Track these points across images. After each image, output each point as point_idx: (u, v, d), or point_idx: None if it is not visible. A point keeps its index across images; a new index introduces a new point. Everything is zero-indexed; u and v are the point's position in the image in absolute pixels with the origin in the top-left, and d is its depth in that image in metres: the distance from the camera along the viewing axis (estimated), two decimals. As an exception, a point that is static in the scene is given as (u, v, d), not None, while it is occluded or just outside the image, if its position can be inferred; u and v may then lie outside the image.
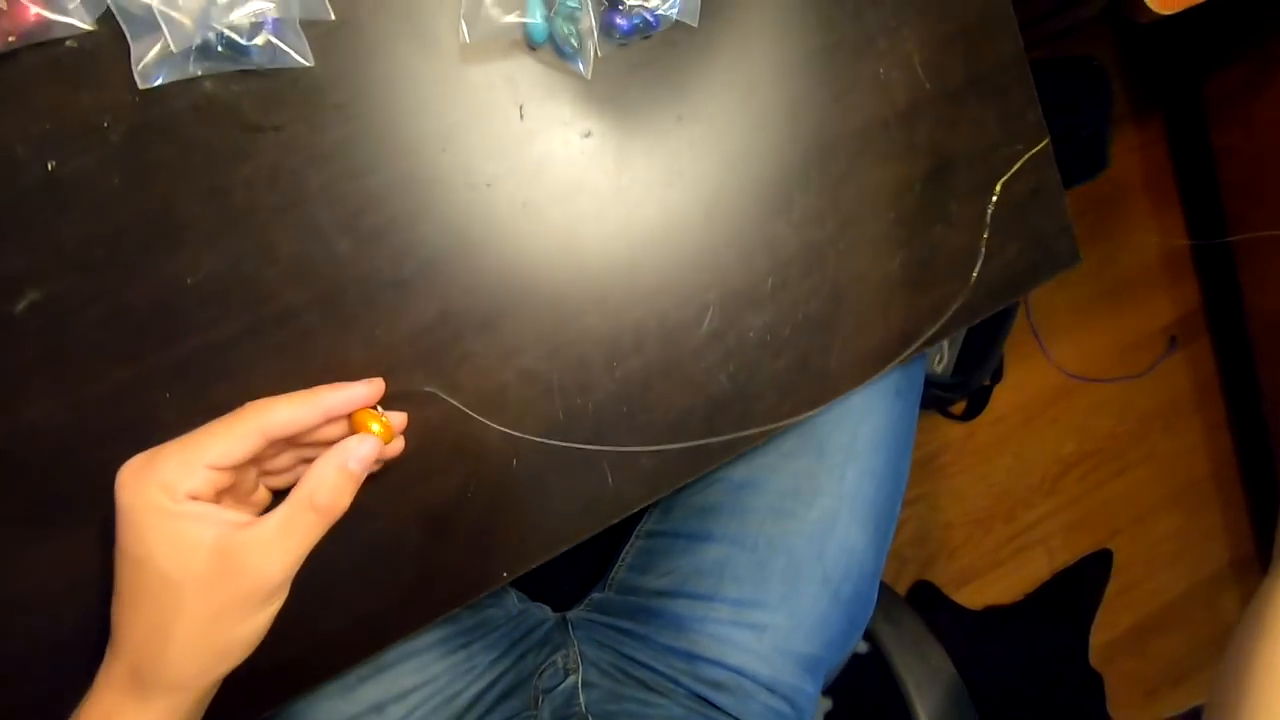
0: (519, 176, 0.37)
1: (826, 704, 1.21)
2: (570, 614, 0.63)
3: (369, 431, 0.32)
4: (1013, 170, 0.45)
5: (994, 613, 1.45)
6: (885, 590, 0.69)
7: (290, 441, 0.33)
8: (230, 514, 0.30)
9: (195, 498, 0.29)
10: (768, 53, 0.40)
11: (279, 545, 0.29)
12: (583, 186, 0.38)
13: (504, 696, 0.56)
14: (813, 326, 0.42)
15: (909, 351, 0.44)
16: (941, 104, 0.43)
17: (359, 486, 0.31)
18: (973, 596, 1.43)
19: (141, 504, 0.29)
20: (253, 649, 0.31)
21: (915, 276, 0.44)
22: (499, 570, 0.39)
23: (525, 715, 0.55)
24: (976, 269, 0.45)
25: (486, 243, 0.37)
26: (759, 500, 0.56)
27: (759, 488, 0.57)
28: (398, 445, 0.36)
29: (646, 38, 0.38)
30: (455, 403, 0.37)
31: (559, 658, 0.58)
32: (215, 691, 0.32)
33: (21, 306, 0.32)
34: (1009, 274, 0.46)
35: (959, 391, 1.21)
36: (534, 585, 0.65)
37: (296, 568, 0.30)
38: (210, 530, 0.29)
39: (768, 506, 0.56)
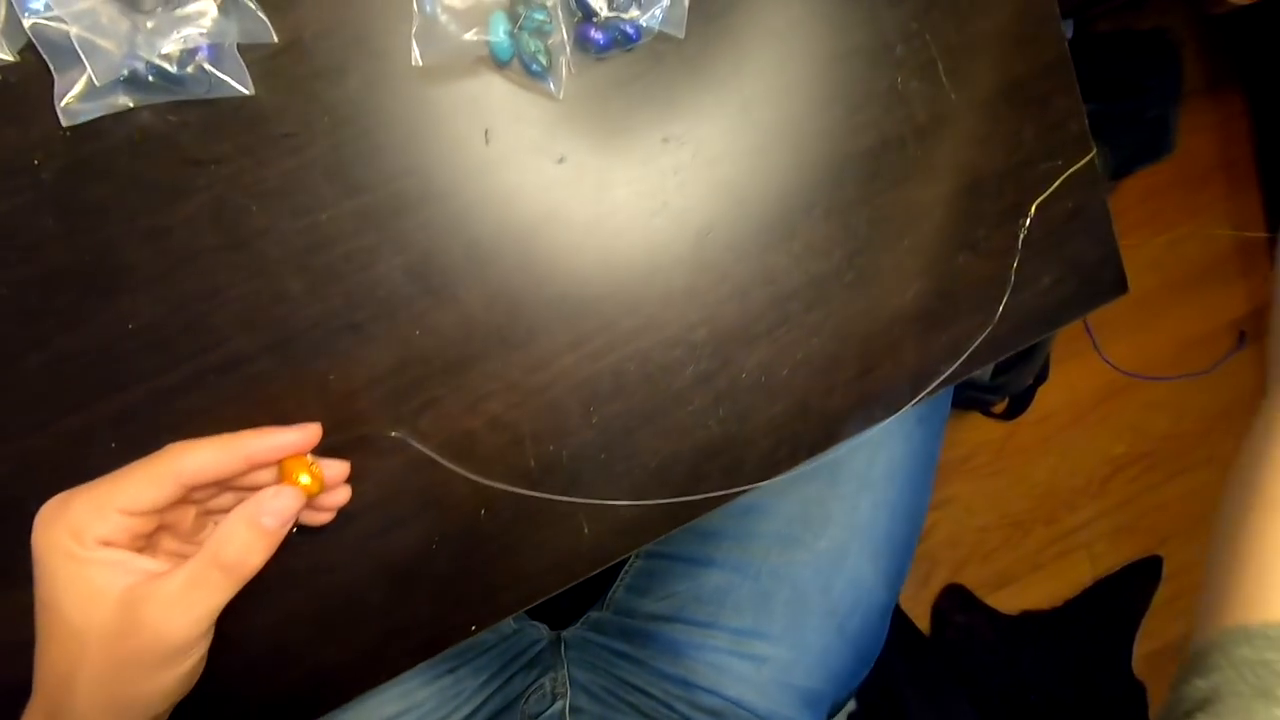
0: (485, 208, 0.34)
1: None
2: (566, 633, 0.62)
3: (294, 483, 0.30)
4: (1050, 189, 0.39)
5: (1031, 618, 1.40)
6: (901, 622, 0.65)
7: (224, 485, 0.31)
8: (145, 563, 0.28)
9: (108, 543, 0.28)
10: (767, 64, 0.36)
11: (182, 603, 0.27)
12: (557, 217, 0.35)
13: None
14: (814, 367, 0.39)
15: (922, 395, 0.39)
16: (968, 116, 0.38)
17: (277, 542, 0.29)
18: (1008, 601, 1.38)
19: (51, 548, 0.28)
20: (167, 705, 0.30)
21: (933, 310, 0.39)
22: (467, 624, 0.37)
23: (513, 740, 0.54)
24: (1003, 301, 0.40)
25: (450, 280, 0.34)
26: (765, 526, 0.53)
27: (765, 513, 0.54)
28: (344, 494, 0.33)
29: (627, 51, 0.34)
30: (422, 448, 0.34)
31: (547, 680, 0.57)
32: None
33: (-41, 355, 0.31)
34: (1041, 306, 0.41)
35: (1000, 394, 1.14)
36: (531, 610, 0.64)
37: (202, 626, 0.28)
38: (119, 579, 0.27)
39: (774, 533, 0.53)
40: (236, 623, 0.32)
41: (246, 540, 0.28)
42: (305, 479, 0.30)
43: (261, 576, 0.34)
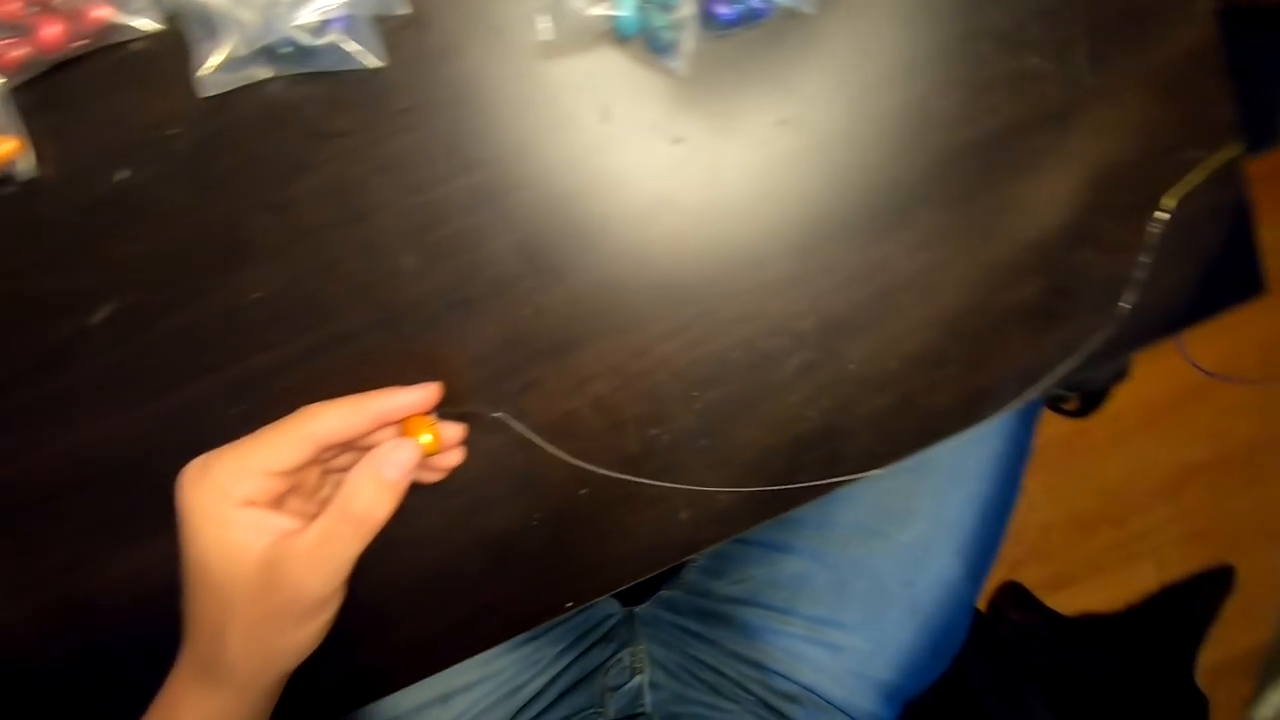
0: (598, 188, 0.34)
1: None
2: (638, 609, 0.62)
3: (415, 440, 0.30)
4: (1190, 182, 0.37)
5: (1090, 620, 1.36)
6: (980, 620, 0.64)
7: (348, 445, 0.32)
8: (282, 521, 0.29)
9: (250, 503, 0.29)
10: (892, 45, 0.34)
11: (317, 557, 0.28)
12: (669, 200, 0.34)
13: (569, 690, 0.56)
14: (921, 361, 0.37)
15: (1031, 392, 0.38)
16: (1104, 102, 0.36)
17: (401, 494, 0.29)
18: (1067, 602, 1.34)
19: (196, 508, 0.29)
20: (309, 651, 0.31)
21: (1048, 307, 0.38)
22: (560, 602, 0.38)
23: (591, 711, 0.55)
24: (1127, 300, 0.38)
25: (560, 261, 0.34)
26: (846, 515, 0.53)
27: (846, 502, 0.53)
28: (457, 456, 0.34)
29: (752, 28, 0.33)
30: (523, 429, 0.35)
31: (625, 655, 0.57)
32: (283, 686, 0.32)
33: (98, 319, 0.32)
34: (1168, 306, 0.39)
35: (1075, 389, 1.10)
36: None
37: (338, 580, 0.29)
38: (259, 539, 0.28)
39: (855, 523, 0.52)
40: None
41: (373, 493, 0.28)
42: (426, 437, 0.30)
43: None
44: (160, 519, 0.33)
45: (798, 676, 0.52)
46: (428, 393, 0.31)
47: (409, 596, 0.36)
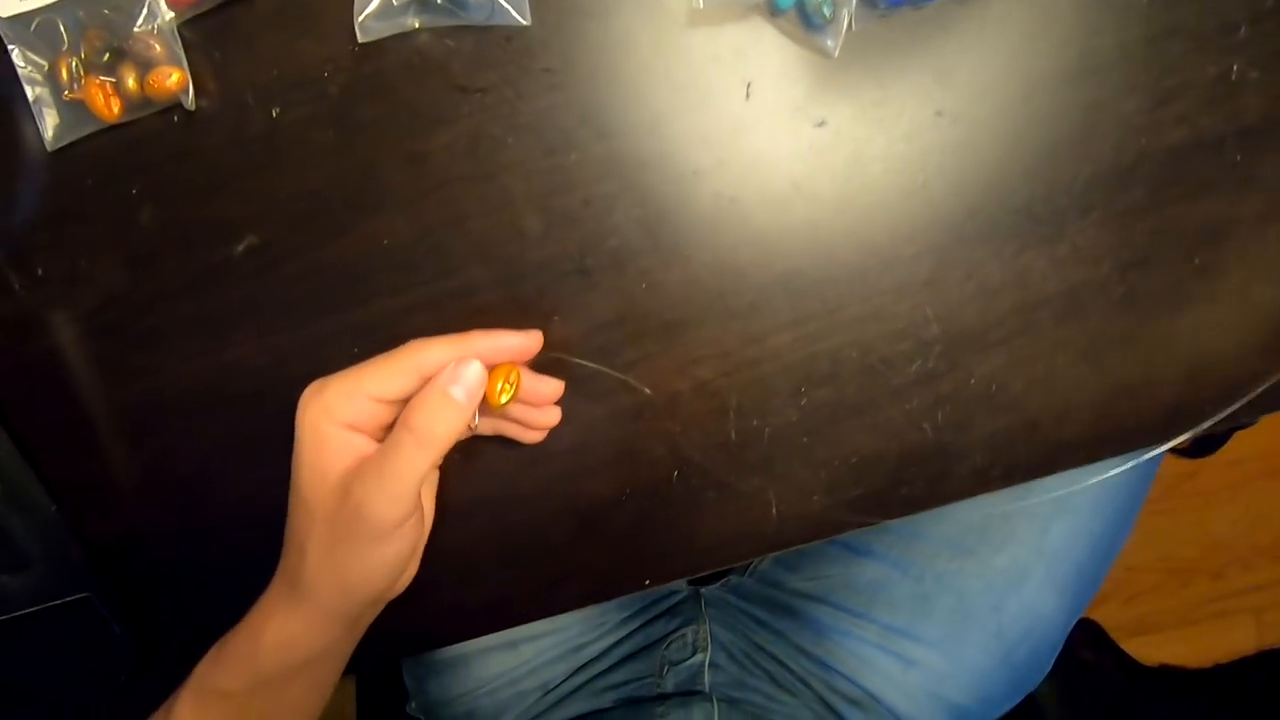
0: (732, 168, 0.33)
1: None
2: (705, 590, 0.62)
3: (493, 387, 0.30)
4: (1397, 221, 0.33)
5: (1171, 673, 1.27)
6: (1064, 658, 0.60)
7: None
8: (367, 447, 0.30)
9: (353, 426, 0.30)
10: (1068, 39, 0.31)
11: (381, 473, 0.28)
12: (803, 187, 0.33)
13: (629, 657, 0.57)
14: (1054, 386, 0.35)
15: (1179, 439, 0.35)
16: (1313, 121, 0.32)
17: (464, 416, 0.29)
18: (1147, 650, 1.26)
19: (305, 424, 0.30)
20: (384, 585, 0.31)
21: (1210, 345, 0.34)
22: (640, 578, 0.38)
23: (649, 681, 0.56)
24: (1303, 345, 0.34)
25: (683, 240, 0.33)
26: (936, 529, 0.50)
27: (940, 515, 0.51)
28: (554, 414, 0.34)
29: (917, 9, 0.31)
30: (630, 381, 0.34)
31: (689, 632, 0.57)
32: (362, 625, 0.33)
33: (240, 249, 0.34)
34: (1349, 358, 0.34)
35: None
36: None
37: (403, 501, 0.28)
38: (343, 461, 0.29)
39: (945, 538, 0.50)
40: (430, 537, 0.34)
41: (435, 407, 0.28)
42: (501, 385, 0.30)
43: (457, 499, 0.36)
44: (280, 445, 0.35)
45: (863, 682, 0.51)
46: (530, 339, 0.32)
47: (496, 554, 0.37)
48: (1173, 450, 1.17)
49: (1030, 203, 0.33)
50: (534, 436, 0.34)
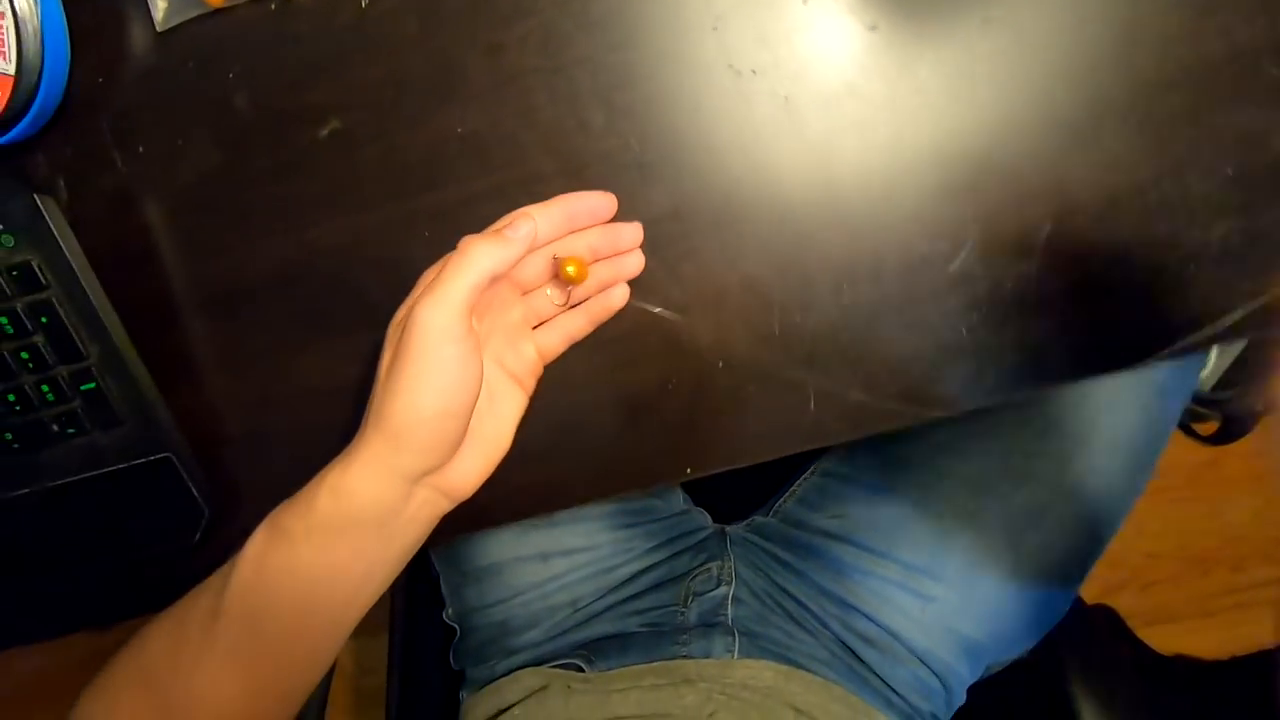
0: (787, 67, 0.35)
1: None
2: (729, 529, 0.64)
3: (564, 267, 0.34)
4: None
5: (1187, 664, 1.26)
6: (1083, 608, 0.61)
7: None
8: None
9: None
10: (1120, -52, 0.33)
11: (433, 289, 0.31)
12: (854, 88, 0.35)
13: (656, 586, 0.58)
14: (1087, 289, 0.36)
15: (1202, 337, 0.36)
16: (1351, 36, 0.33)
17: (504, 256, 0.31)
18: (1163, 640, 1.25)
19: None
20: (434, 414, 0.32)
21: (1242, 252, 0.36)
22: (683, 467, 0.40)
23: (674, 609, 0.57)
24: (1333, 259, 0.35)
25: (738, 136, 0.35)
26: (958, 468, 0.52)
27: (961, 454, 0.52)
28: (622, 294, 0.37)
29: (970, -82, 0.33)
30: (655, 309, 0.36)
31: (714, 566, 0.59)
32: (417, 518, 0.35)
33: (325, 133, 0.36)
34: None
35: (1217, 409, 1.01)
36: (696, 492, 0.66)
37: (447, 308, 0.30)
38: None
39: (966, 477, 0.52)
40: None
41: (485, 240, 0.31)
42: (572, 269, 0.34)
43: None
44: (351, 321, 0.38)
45: (882, 619, 0.52)
46: (609, 199, 0.35)
47: (549, 437, 0.39)
48: (1197, 436, 1.16)
49: (1070, 109, 0.34)
50: (616, 296, 0.37)
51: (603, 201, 0.35)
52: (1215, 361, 1.04)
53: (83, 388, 0.37)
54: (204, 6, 0.34)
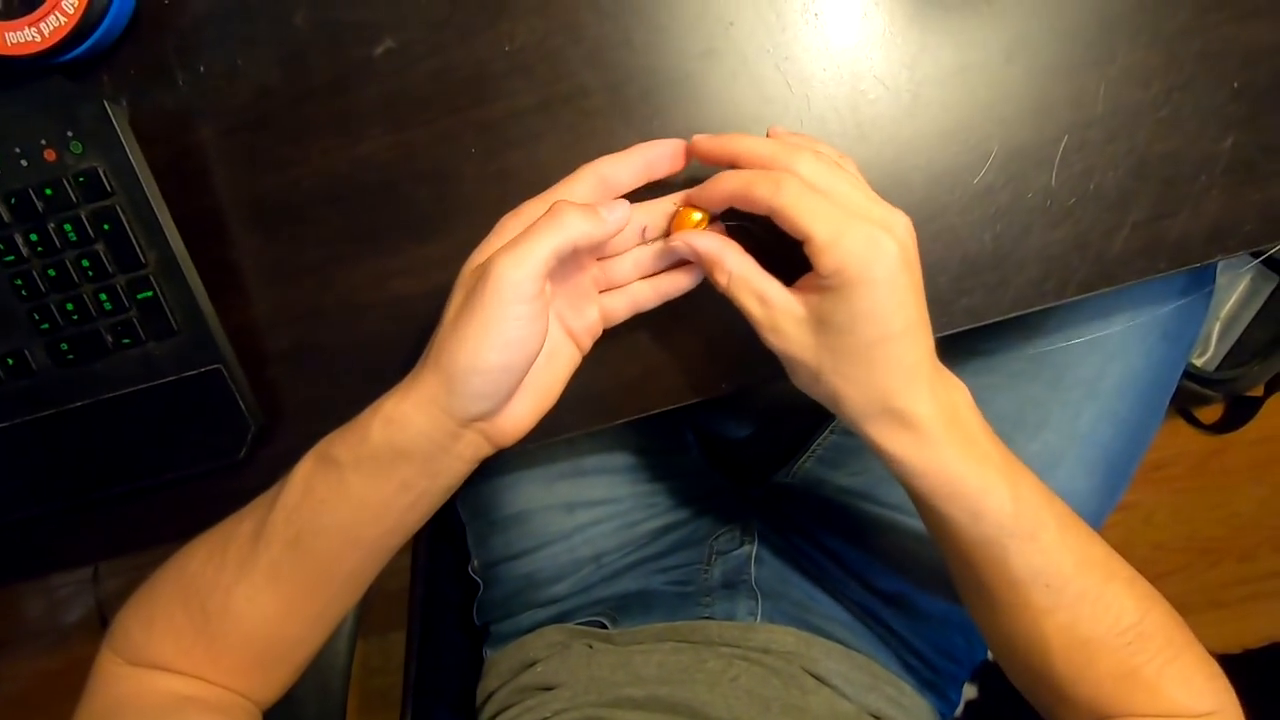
0: (818, -11, 0.37)
1: (971, 691, 1.13)
2: (751, 492, 0.64)
3: (687, 219, 0.35)
4: None
5: (1199, 657, 1.26)
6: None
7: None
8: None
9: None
10: (1128, -128, 0.35)
11: (516, 241, 0.31)
12: (880, 5, 0.37)
13: (679, 546, 0.59)
14: (1104, 201, 0.38)
15: (1219, 254, 0.38)
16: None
17: (591, 229, 0.32)
18: (1175, 632, 1.25)
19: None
20: (491, 367, 0.32)
21: (1252, 164, 0.37)
22: (718, 381, 0.41)
23: (698, 567, 0.57)
24: (1336, 167, 0.37)
25: (770, 51, 0.37)
26: (972, 420, 0.53)
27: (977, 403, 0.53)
28: (694, 276, 0.37)
29: None
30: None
31: (737, 527, 0.59)
32: (463, 458, 0.35)
33: (379, 51, 0.38)
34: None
35: (1219, 390, 1.03)
36: (716, 459, 0.67)
37: (525, 265, 0.31)
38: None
39: None
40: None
41: (579, 211, 0.32)
42: (697, 216, 0.35)
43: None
44: (402, 235, 0.39)
45: (903, 575, 0.53)
46: (681, 145, 0.35)
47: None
48: (1193, 421, 1.17)
49: (1082, 22, 0.37)
50: (682, 281, 0.37)
51: (678, 148, 0.35)
52: (1216, 345, 1.06)
53: (139, 296, 0.38)
54: (269, -71, 0.36)
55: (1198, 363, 1.05)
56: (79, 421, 0.40)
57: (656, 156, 0.35)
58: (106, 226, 0.37)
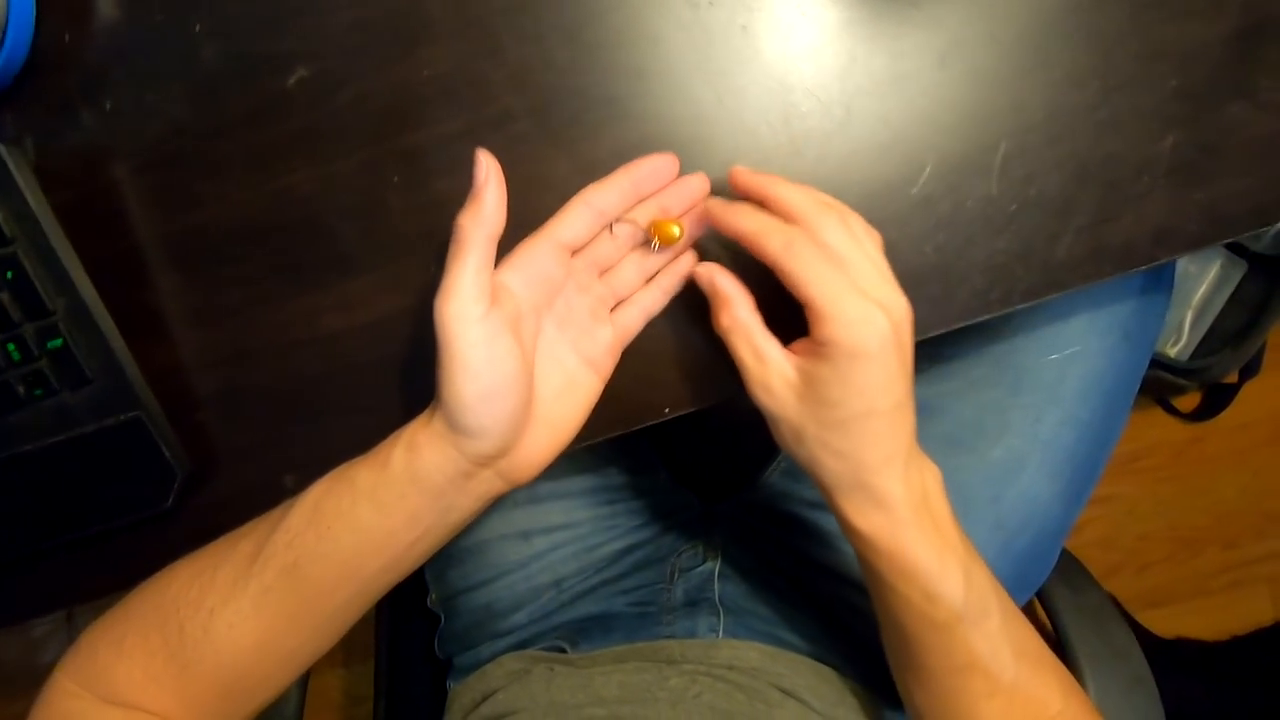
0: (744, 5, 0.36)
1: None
2: (717, 508, 0.63)
3: (666, 232, 0.35)
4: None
5: (1189, 646, 1.26)
6: (1065, 555, 0.62)
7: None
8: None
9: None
10: (1052, -127, 0.35)
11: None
12: (807, 15, 0.36)
13: (641, 566, 0.58)
14: (1046, 206, 0.37)
15: (1164, 255, 0.37)
16: (1273, -50, 0.35)
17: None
18: (1163, 623, 1.25)
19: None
20: (479, 405, 0.32)
21: (1192, 163, 0.37)
22: (661, 406, 0.40)
23: (659, 587, 0.56)
24: None
25: (699, 66, 0.36)
26: (934, 428, 0.52)
27: (937, 414, 0.52)
28: (689, 260, 0.37)
29: None
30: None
31: (700, 544, 0.58)
32: (474, 494, 0.35)
33: (292, 82, 0.37)
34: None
35: (1194, 379, 1.03)
36: (681, 476, 0.66)
37: (463, 281, 0.31)
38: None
39: (943, 435, 0.52)
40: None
41: (468, 216, 0.32)
42: (677, 231, 0.35)
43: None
44: (327, 271, 0.38)
45: None
46: (671, 159, 0.36)
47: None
48: (1171, 410, 1.18)
49: (1015, 28, 0.36)
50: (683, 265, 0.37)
51: (666, 161, 0.35)
52: (1189, 334, 1.06)
53: (49, 345, 0.36)
54: (171, -41, 0.35)
55: (1171, 352, 1.05)
56: (-5, 478, 0.38)
57: (643, 176, 0.35)
58: (9, 274, 0.35)
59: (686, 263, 0.37)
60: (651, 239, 0.36)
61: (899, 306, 0.32)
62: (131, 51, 0.36)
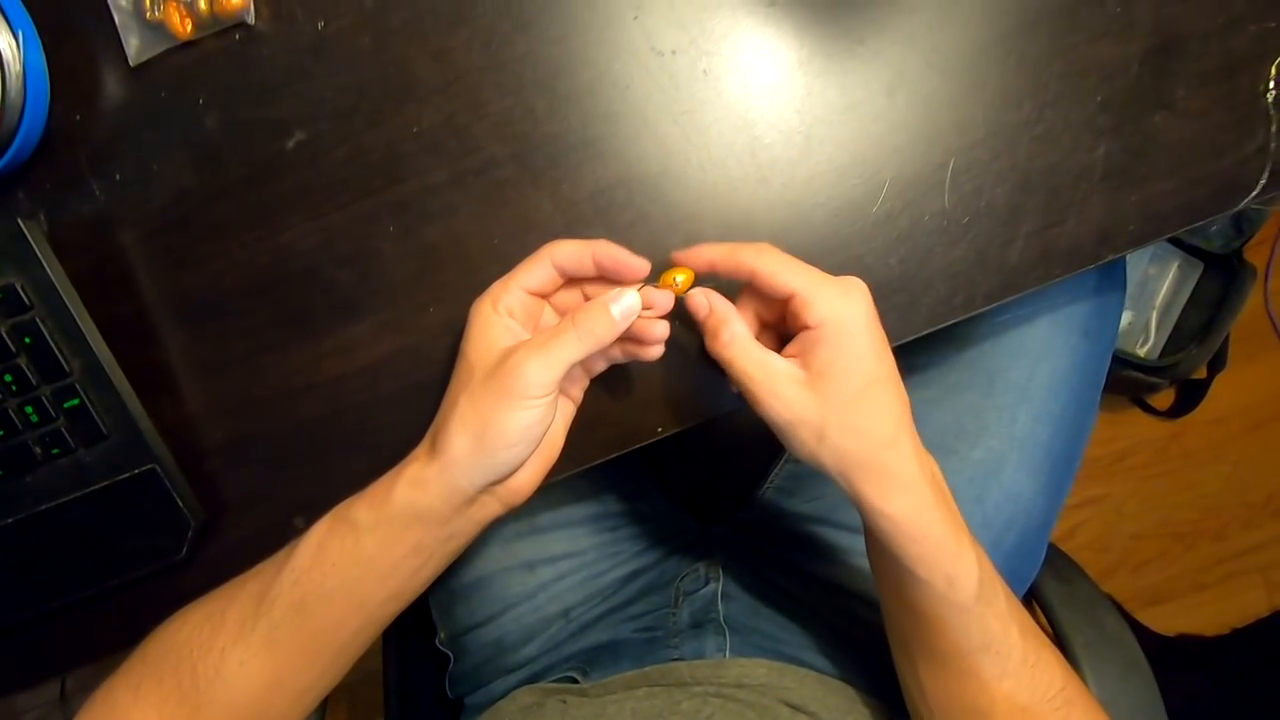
0: (703, 45, 0.39)
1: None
2: (714, 528, 0.65)
3: (671, 285, 0.36)
4: None
5: (1190, 642, 1.27)
6: (1053, 548, 0.63)
7: (573, 282, 0.37)
8: (525, 334, 0.36)
9: (512, 314, 0.35)
10: (972, -81, 0.38)
11: (541, 347, 0.33)
12: (763, 57, 0.39)
13: (646, 592, 0.59)
14: (996, 216, 0.40)
15: (1109, 254, 0.40)
16: (1175, -26, 0.39)
17: (614, 331, 0.34)
18: (1163, 620, 1.26)
19: (479, 313, 0.36)
20: (510, 450, 0.34)
21: (1125, 168, 0.40)
22: (654, 426, 0.42)
23: (665, 611, 0.57)
24: (1204, 164, 0.40)
25: (666, 108, 0.39)
26: (919, 435, 0.54)
27: (918, 421, 0.54)
28: (663, 327, 0.37)
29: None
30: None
31: (701, 565, 0.59)
32: (474, 520, 0.36)
33: (291, 144, 0.39)
34: (1245, 174, 0.40)
35: (1165, 376, 1.06)
36: (677, 497, 0.67)
37: (551, 372, 0.33)
38: (508, 339, 0.35)
39: (925, 441, 0.53)
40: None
41: (598, 315, 0.34)
42: (680, 279, 0.36)
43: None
44: (329, 317, 0.40)
45: (871, 595, 0.53)
46: (642, 267, 0.36)
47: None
48: (1148, 409, 1.20)
49: (953, 56, 0.39)
50: (653, 352, 0.38)
51: (639, 266, 0.35)
52: (1155, 333, 1.09)
53: (66, 405, 0.38)
54: (173, 40, 0.38)
55: (1140, 352, 1.08)
56: (14, 537, 0.39)
57: (612, 265, 0.35)
58: (27, 340, 0.37)
59: (659, 329, 0.37)
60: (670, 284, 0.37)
61: (862, 283, 0.34)
62: (138, 126, 0.39)
